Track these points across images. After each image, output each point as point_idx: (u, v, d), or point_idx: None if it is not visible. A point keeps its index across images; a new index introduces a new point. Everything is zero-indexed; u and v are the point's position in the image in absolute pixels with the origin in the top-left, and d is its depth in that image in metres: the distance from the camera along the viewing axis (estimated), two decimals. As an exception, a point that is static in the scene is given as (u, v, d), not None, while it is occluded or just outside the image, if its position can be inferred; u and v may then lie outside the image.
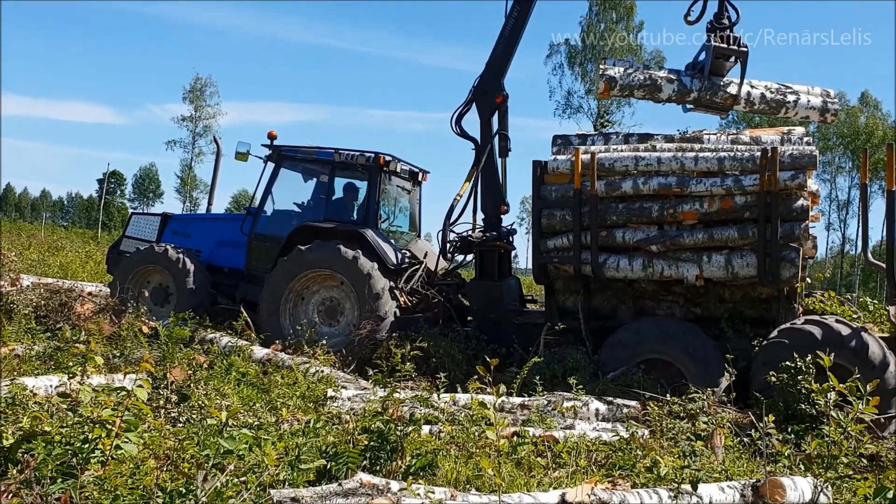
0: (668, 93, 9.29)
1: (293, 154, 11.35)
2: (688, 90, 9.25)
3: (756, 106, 9.38)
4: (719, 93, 9.20)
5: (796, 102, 9.22)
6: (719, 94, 9.20)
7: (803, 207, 8.21)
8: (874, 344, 7.66)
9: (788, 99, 9.24)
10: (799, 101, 9.22)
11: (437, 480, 4.72)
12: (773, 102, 9.29)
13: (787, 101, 9.24)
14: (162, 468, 4.19)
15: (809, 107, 9.21)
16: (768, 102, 9.29)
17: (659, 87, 9.28)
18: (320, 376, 7.83)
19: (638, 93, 9.43)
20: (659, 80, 9.29)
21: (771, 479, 4.40)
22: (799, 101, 9.22)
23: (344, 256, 10.04)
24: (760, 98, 9.26)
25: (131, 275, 11.31)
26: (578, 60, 43.32)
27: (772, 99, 9.27)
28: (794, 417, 6.75)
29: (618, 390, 7.63)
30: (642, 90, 9.34)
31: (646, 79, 9.28)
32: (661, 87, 9.28)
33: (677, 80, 9.28)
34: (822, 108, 9.24)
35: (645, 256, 8.66)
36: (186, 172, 61.00)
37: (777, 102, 9.28)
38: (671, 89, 9.27)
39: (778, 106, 9.29)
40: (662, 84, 9.27)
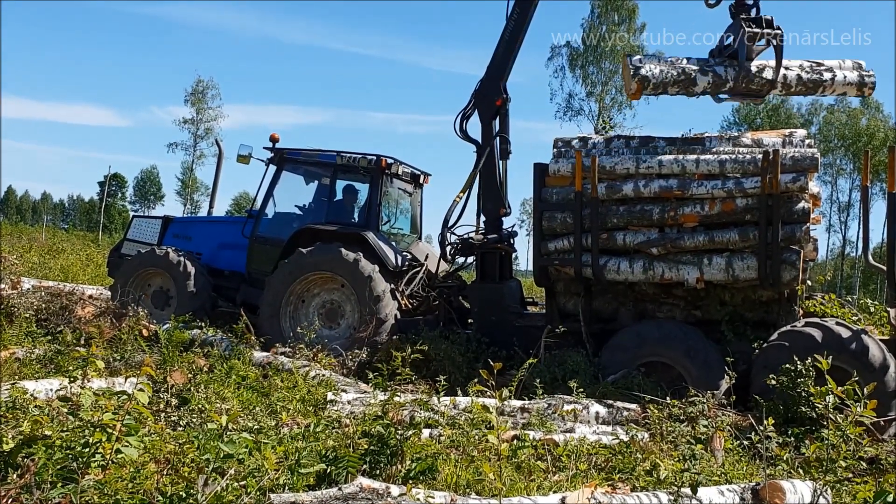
0: (704, 85, 8.95)
1: (295, 157, 11.37)
2: (723, 80, 8.93)
3: (793, 88, 9.04)
4: (755, 79, 8.90)
5: (833, 80, 8.92)
6: (755, 80, 8.90)
7: (804, 210, 8.21)
8: (874, 346, 7.65)
9: (825, 77, 8.91)
10: (836, 77, 8.93)
11: (438, 485, 4.72)
12: (811, 82, 8.95)
13: (825, 80, 8.92)
14: (162, 472, 4.20)
15: (847, 83, 8.94)
16: (805, 83, 8.97)
17: (694, 81, 8.91)
18: (320, 380, 7.83)
19: (672, 89, 9.01)
20: (693, 74, 8.89)
21: (770, 482, 4.40)
22: (836, 77, 8.93)
23: (345, 259, 10.04)
24: (797, 80, 8.94)
25: (132, 278, 11.33)
26: (580, 63, 43.33)
27: (808, 79, 8.94)
28: (795, 420, 6.74)
29: (618, 393, 7.62)
30: (677, 86, 8.95)
31: (679, 74, 8.88)
32: (695, 80, 8.90)
33: (711, 71, 8.92)
34: (859, 83, 8.97)
35: (645, 259, 8.66)
36: (187, 175, 61.02)
37: (814, 82, 8.95)
38: (706, 81, 8.92)
39: (815, 85, 8.97)
40: (697, 77, 8.89)
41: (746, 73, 8.86)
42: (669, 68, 8.91)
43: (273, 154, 11.34)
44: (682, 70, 8.92)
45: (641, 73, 8.87)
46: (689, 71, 8.92)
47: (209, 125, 54.58)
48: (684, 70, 8.93)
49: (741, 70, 8.86)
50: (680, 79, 8.91)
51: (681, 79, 8.91)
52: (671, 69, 8.91)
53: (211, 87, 54.72)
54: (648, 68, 8.90)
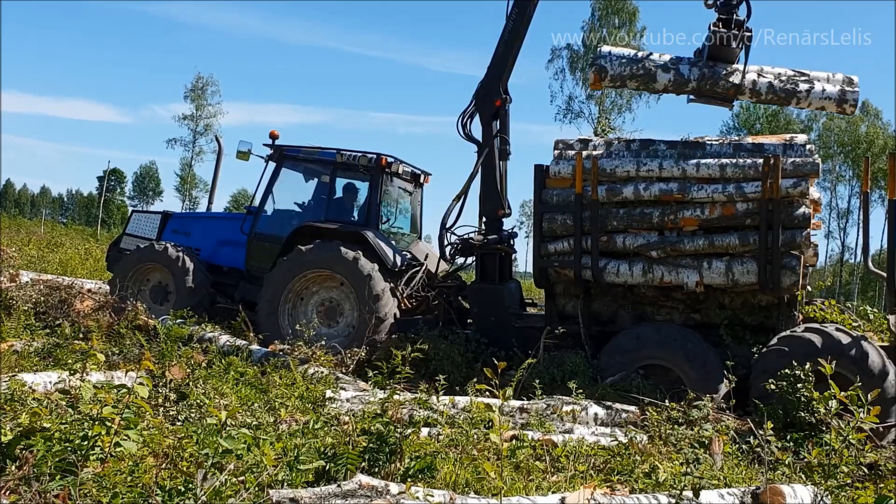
0: (664, 82, 8.89)
1: (295, 154, 11.35)
2: (685, 80, 8.82)
3: (763, 96, 8.84)
4: (720, 82, 8.74)
5: (809, 92, 8.59)
6: (720, 83, 8.74)
7: (805, 215, 8.21)
8: (874, 353, 7.65)
9: (800, 88, 8.61)
10: (812, 90, 8.60)
11: (436, 483, 4.71)
12: (783, 92, 8.69)
13: (799, 91, 8.62)
14: (161, 466, 4.19)
15: (824, 97, 8.61)
16: (777, 92, 8.70)
17: (654, 77, 8.86)
18: (319, 377, 7.82)
19: (631, 83, 9.08)
20: (653, 70, 8.85)
21: (771, 486, 4.40)
22: (812, 90, 8.60)
23: (344, 257, 10.02)
24: (768, 88, 8.70)
25: (131, 272, 11.31)
26: (580, 65, 43.37)
27: (781, 88, 8.67)
28: (794, 425, 6.74)
29: (617, 395, 7.62)
30: (635, 80, 8.97)
31: (639, 68, 8.87)
32: (655, 76, 8.85)
33: (674, 69, 8.85)
34: (838, 99, 8.62)
35: (645, 262, 8.66)
36: (186, 171, 61.01)
37: (787, 92, 8.67)
38: (667, 79, 8.85)
39: (788, 96, 8.71)
40: (657, 73, 8.84)
41: (711, 76, 8.77)
42: (630, 62, 8.92)
43: (272, 151, 11.32)
44: (642, 66, 8.88)
45: (599, 63, 8.99)
46: (650, 67, 8.88)
47: (209, 122, 54.72)
48: (644, 66, 8.89)
49: (705, 70, 8.78)
50: (639, 73, 8.90)
51: (640, 73, 8.90)
52: (632, 63, 8.91)
53: (211, 83, 54.89)
54: (608, 59, 8.97)
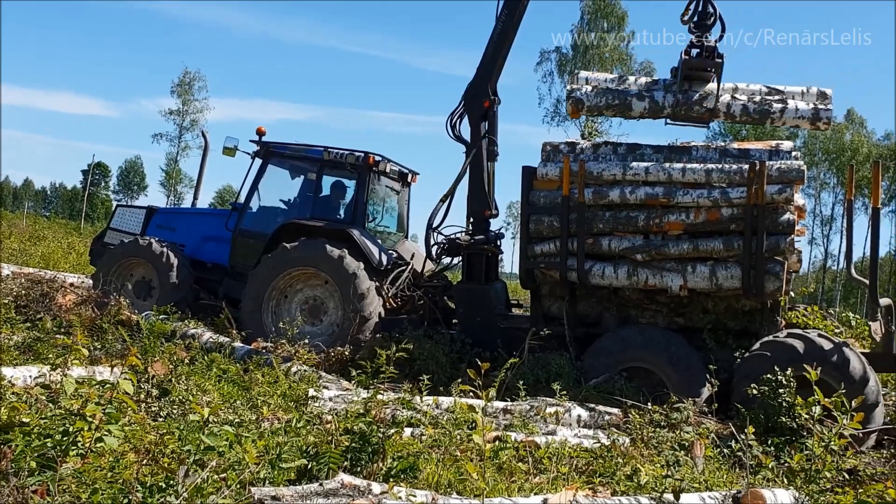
0: (640, 110, 9.06)
1: (281, 151, 11.32)
2: (660, 107, 9.00)
3: (738, 118, 9.02)
4: (695, 107, 8.90)
5: (783, 111, 8.77)
6: (695, 108, 8.91)
7: (789, 221, 8.26)
8: (855, 359, 7.70)
9: (774, 108, 8.80)
10: (786, 109, 8.77)
11: (419, 483, 4.70)
12: (757, 114, 8.86)
13: (773, 112, 8.79)
14: (142, 463, 4.16)
15: (798, 115, 8.76)
16: (751, 114, 8.88)
17: (629, 106, 9.04)
18: (302, 375, 7.80)
19: (608, 112, 9.28)
20: (629, 99, 9.03)
21: (752, 490, 4.42)
22: (786, 109, 8.77)
23: (330, 255, 9.99)
24: (742, 110, 8.88)
25: (115, 267, 11.25)
26: (568, 69, 43.43)
27: (755, 110, 8.84)
28: (775, 430, 6.77)
29: (600, 397, 7.64)
30: (611, 109, 9.16)
31: (614, 98, 9.06)
32: (630, 105, 9.03)
33: (649, 96, 9.03)
34: (812, 117, 8.74)
35: (630, 265, 8.69)
36: (172, 166, 60.68)
37: (761, 113, 8.84)
38: (642, 107, 9.03)
39: (763, 116, 8.87)
40: (633, 102, 9.02)
41: (686, 101, 8.93)
42: (606, 92, 9.10)
43: (259, 147, 11.29)
44: (617, 95, 9.08)
45: (575, 96, 9.16)
46: (626, 96, 9.06)
47: (195, 117, 54.45)
48: (620, 95, 9.07)
49: (678, 96, 8.96)
50: (614, 103, 9.09)
51: (615, 103, 9.09)
52: (607, 94, 9.09)
53: (198, 79, 54.60)
54: (584, 91, 9.15)
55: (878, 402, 7.70)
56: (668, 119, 9.18)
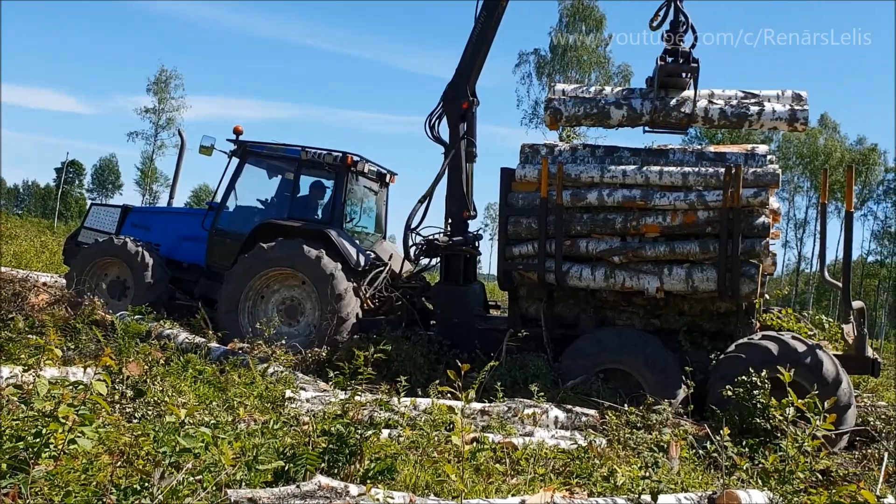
0: (618, 118, 9.13)
1: (259, 150, 11.26)
2: (638, 114, 9.09)
3: (716, 122, 9.10)
4: (673, 113, 9.00)
5: (760, 114, 8.84)
6: (673, 114, 9.00)
7: (764, 224, 8.35)
8: (828, 361, 7.80)
9: (751, 111, 8.88)
10: (763, 112, 8.85)
11: (396, 485, 4.69)
12: (734, 117, 8.94)
13: (750, 115, 8.87)
14: (116, 464, 4.11)
15: (775, 118, 8.84)
16: (728, 118, 8.97)
17: (607, 114, 9.12)
18: (279, 377, 7.75)
19: (586, 122, 9.36)
20: (607, 107, 9.11)
21: (727, 491, 4.46)
22: (763, 112, 8.85)
23: (307, 255, 9.95)
24: (720, 114, 8.98)
25: (89, 266, 11.13)
26: (546, 71, 43.62)
27: (732, 114, 8.93)
28: (749, 431, 6.84)
29: (577, 399, 7.67)
30: (590, 119, 9.24)
31: (592, 107, 9.14)
32: (609, 113, 9.11)
33: (626, 104, 9.10)
34: (789, 118, 8.85)
35: (607, 267, 8.74)
36: (147, 165, 60.13)
37: (739, 116, 8.92)
38: (620, 115, 9.11)
39: (740, 120, 8.94)
40: (611, 110, 9.10)
41: (664, 108, 9.02)
42: (584, 102, 9.17)
43: (236, 146, 11.22)
44: (595, 105, 9.15)
45: (553, 106, 9.25)
46: (604, 105, 9.13)
47: (171, 115, 53.98)
48: (598, 104, 9.14)
49: (656, 103, 9.05)
50: (592, 112, 9.17)
51: (593, 112, 9.17)
52: (585, 103, 9.16)
53: (174, 77, 54.15)
54: (562, 101, 9.23)
55: (851, 404, 7.80)
56: (646, 126, 9.26)
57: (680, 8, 9.14)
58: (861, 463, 6.95)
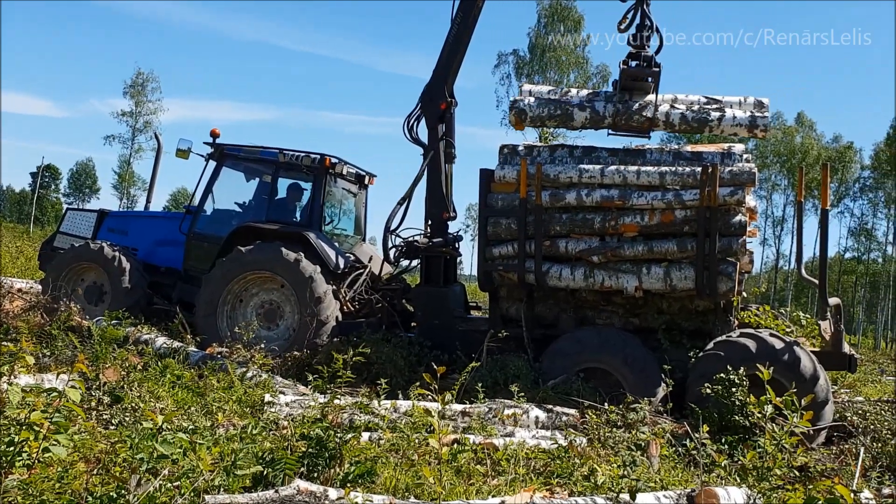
0: (581, 120, 9.20)
1: (236, 153, 11.18)
2: (601, 117, 9.15)
3: (677, 126, 9.18)
4: (635, 116, 9.08)
5: (720, 119, 8.94)
6: (635, 117, 9.08)
7: (741, 223, 8.41)
8: (806, 358, 7.86)
9: (712, 116, 8.98)
10: (724, 117, 8.95)
11: (376, 488, 4.68)
12: (695, 122, 9.06)
13: (711, 120, 8.97)
14: (92, 472, 4.07)
15: (735, 123, 8.94)
16: (689, 122, 9.08)
17: (571, 116, 9.19)
18: (258, 381, 7.70)
19: (550, 122, 9.43)
20: (570, 109, 9.19)
21: (706, 489, 4.48)
22: (724, 117, 8.95)
23: (285, 258, 9.89)
24: (681, 118, 9.06)
25: (65, 272, 10.99)
26: (525, 71, 43.78)
27: (693, 118, 9.05)
28: (728, 428, 6.88)
29: (558, 398, 7.68)
30: (554, 120, 9.31)
31: (556, 109, 9.20)
32: (572, 115, 9.18)
33: (590, 107, 9.18)
34: (749, 125, 8.95)
35: (587, 266, 8.77)
36: (124, 168, 59.65)
37: (699, 121, 9.04)
38: (583, 117, 9.17)
39: (701, 124, 9.07)
40: (574, 112, 9.17)
41: (625, 111, 9.10)
42: (548, 103, 9.23)
43: (213, 149, 11.13)
44: (558, 106, 9.21)
45: (518, 106, 9.32)
46: (567, 107, 9.19)
47: (148, 118, 53.66)
48: (562, 106, 9.20)
49: (618, 106, 9.14)
50: (556, 113, 9.24)
51: (557, 113, 9.24)
52: (549, 105, 9.22)
53: (151, 79, 53.78)
54: (527, 102, 9.29)
55: (828, 400, 7.87)
56: (609, 129, 9.32)
57: (646, 13, 9.29)
58: (839, 458, 7.01)
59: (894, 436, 7.28)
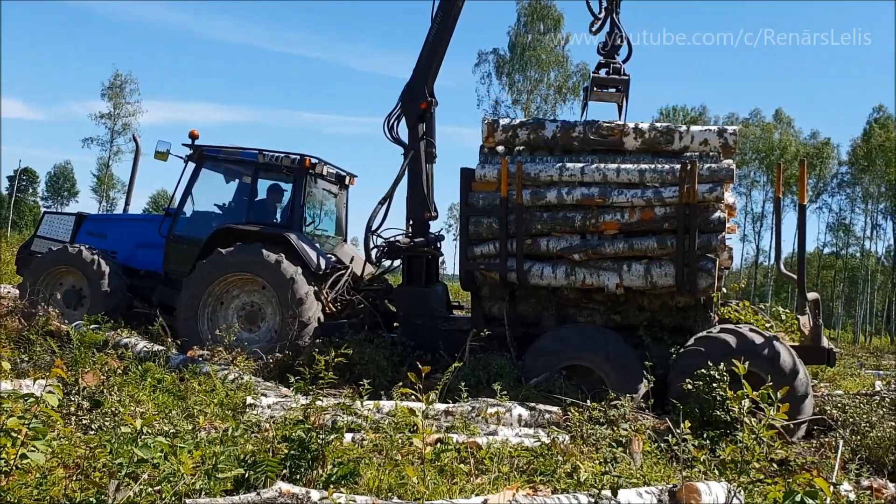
0: (553, 129, 9.12)
1: (215, 154, 11.12)
2: (572, 125, 9.13)
3: (646, 135, 8.95)
4: (605, 124, 9.01)
5: (689, 131, 8.93)
6: (605, 127, 9.00)
7: (720, 219, 8.46)
8: (785, 352, 7.93)
9: (681, 128, 8.97)
10: (692, 129, 8.97)
11: (359, 489, 4.67)
12: (664, 128, 8.97)
13: (680, 130, 8.95)
14: (71, 478, 4.03)
15: (704, 130, 8.93)
16: (658, 130, 8.94)
17: (542, 125, 9.18)
18: (239, 383, 7.67)
19: (522, 132, 9.20)
20: (543, 120, 9.23)
21: (687, 484, 4.50)
22: (692, 129, 8.97)
23: (266, 260, 9.85)
24: (650, 127, 8.97)
25: (43, 276, 10.91)
26: (506, 70, 43.91)
27: (663, 127, 8.98)
28: (710, 423, 6.92)
29: (540, 396, 7.70)
30: (526, 128, 9.18)
31: (527, 119, 9.15)
32: (544, 124, 9.18)
33: (561, 122, 9.18)
34: (719, 130, 8.94)
35: (568, 265, 8.79)
36: (103, 171, 59.21)
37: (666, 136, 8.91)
38: (554, 126, 9.17)
39: (669, 132, 8.92)
40: (546, 123, 9.18)
41: (593, 123, 9.04)
42: (521, 126, 9.19)
43: (192, 151, 11.06)
44: (530, 121, 9.23)
45: (491, 118, 9.32)
46: (539, 128, 9.14)
47: (127, 120, 53.34)
48: (534, 129, 9.14)
49: (582, 115, 9.36)
50: (528, 122, 9.23)
51: (529, 122, 9.23)
52: (522, 127, 9.18)
53: (129, 81, 53.43)
54: (500, 122, 9.29)
55: (808, 394, 7.94)
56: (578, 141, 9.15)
57: (616, 22, 9.37)
58: (819, 451, 7.08)
59: (873, 428, 7.35)
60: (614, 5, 9.61)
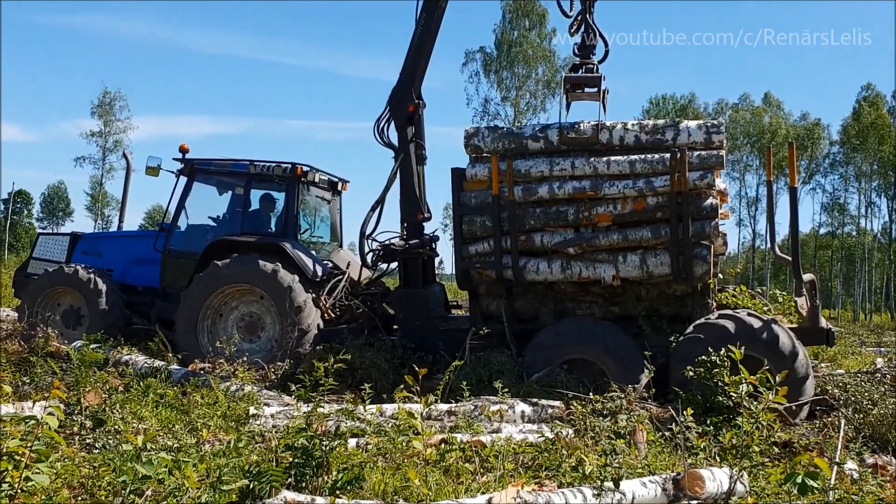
0: (532, 129, 9.02)
1: (206, 167, 11.12)
2: (548, 125, 9.06)
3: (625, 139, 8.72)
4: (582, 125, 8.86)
5: (676, 133, 8.68)
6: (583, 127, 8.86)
7: (712, 206, 8.48)
8: (784, 335, 7.95)
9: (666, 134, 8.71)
10: (680, 126, 8.74)
11: (365, 494, 4.68)
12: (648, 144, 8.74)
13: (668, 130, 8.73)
14: (77, 498, 4.04)
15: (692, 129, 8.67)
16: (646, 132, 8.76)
17: (526, 147, 8.97)
18: (242, 394, 7.67)
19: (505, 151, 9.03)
20: (525, 142, 8.90)
21: (690, 471, 4.52)
22: (680, 126, 8.74)
23: (263, 270, 9.86)
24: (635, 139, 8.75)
25: (40, 297, 10.91)
26: (493, 68, 43.96)
27: (647, 140, 8.74)
28: (712, 410, 6.93)
29: (542, 391, 7.71)
30: (509, 138, 9.02)
31: (511, 142, 8.93)
32: (528, 146, 8.95)
33: (543, 137, 8.91)
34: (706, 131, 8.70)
35: (563, 259, 8.80)
36: (97, 189, 59.11)
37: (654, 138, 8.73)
38: (533, 125, 9.19)
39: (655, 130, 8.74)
40: (528, 144, 8.92)
41: (571, 125, 8.93)
42: (504, 138, 9.01)
43: (183, 165, 11.06)
44: (514, 139, 8.98)
45: (472, 142, 9.12)
46: (523, 139, 8.96)
47: (118, 137, 53.23)
48: (517, 138, 8.98)
49: (562, 113, 9.37)
50: (511, 147, 8.97)
51: (512, 147, 8.98)
52: (504, 138, 9.00)
53: (119, 98, 53.35)
54: (481, 137, 9.08)
55: (809, 375, 7.96)
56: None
57: (591, 24, 9.43)
58: (822, 432, 7.09)
59: (875, 406, 7.38)
60: (588, 6, 9.64)
